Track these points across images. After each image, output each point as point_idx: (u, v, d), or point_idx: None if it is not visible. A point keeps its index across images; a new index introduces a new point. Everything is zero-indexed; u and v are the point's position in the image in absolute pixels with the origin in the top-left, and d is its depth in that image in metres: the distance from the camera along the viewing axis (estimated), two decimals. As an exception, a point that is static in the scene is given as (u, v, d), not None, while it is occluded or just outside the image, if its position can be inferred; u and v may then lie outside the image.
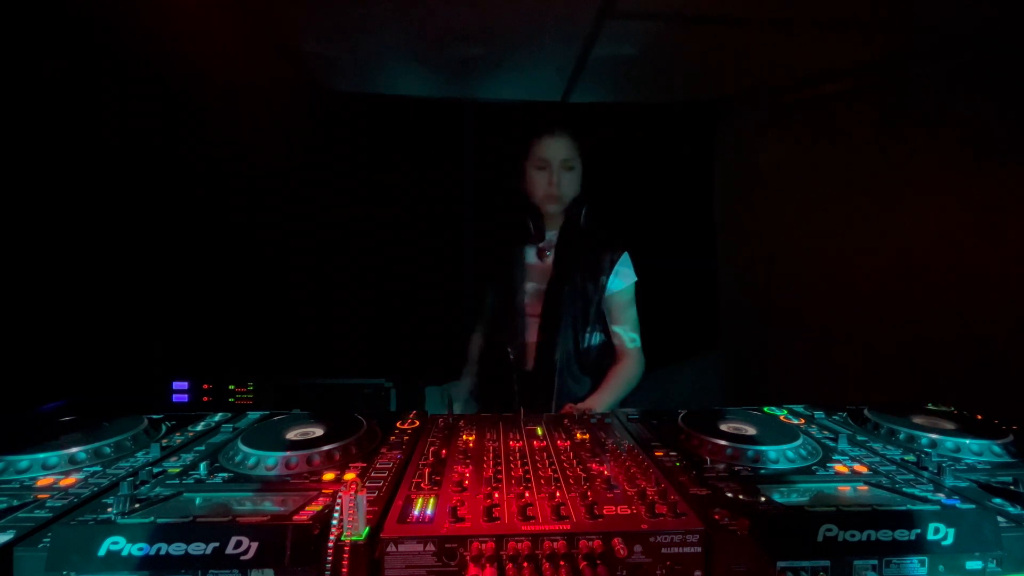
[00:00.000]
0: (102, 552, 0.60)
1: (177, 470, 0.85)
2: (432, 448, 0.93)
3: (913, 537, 0.64)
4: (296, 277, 2.23)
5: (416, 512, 0.70)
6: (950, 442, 0.95)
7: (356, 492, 0.64)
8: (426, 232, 2.23)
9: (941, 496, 0.76)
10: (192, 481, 0.81)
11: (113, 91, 1.66)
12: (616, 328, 1.46)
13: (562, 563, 0.63)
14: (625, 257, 1.48)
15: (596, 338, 1.49)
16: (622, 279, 1.47)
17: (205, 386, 1.92)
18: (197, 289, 2.07)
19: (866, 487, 0.80)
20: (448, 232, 2.16)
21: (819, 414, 1.18)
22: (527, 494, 0.75)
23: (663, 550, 0.65)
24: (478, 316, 1.69)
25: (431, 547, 0.64)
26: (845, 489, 0.80)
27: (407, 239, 2.25)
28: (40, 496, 0.76)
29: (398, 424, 1.09)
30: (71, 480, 0.82)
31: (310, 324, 2.22)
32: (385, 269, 2.26)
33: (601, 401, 1.34)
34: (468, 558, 0.64)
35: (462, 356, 1.74)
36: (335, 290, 2.25)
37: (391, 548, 0.63)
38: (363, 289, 2.25)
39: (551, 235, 1.47)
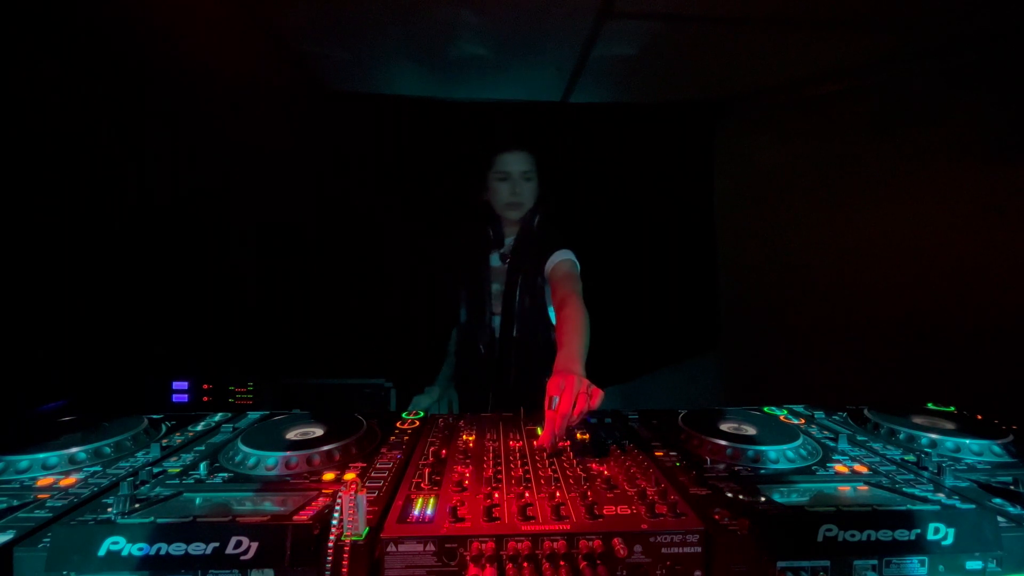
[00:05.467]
0: (102, 552, 0.60)
1: (177, 470, 0.85)
2: (432, 448, 0.93)
3: (913, 537, 0.64)
4: (296, 277, 2.23)
5: (416, 512, 0.70)
6: (950, 442, 0.95)
7: (356, 492, 0.64)
8: (415, 236, 2.26)
9: (941, 496, 0.75)
10: (192, 481, 0.81)
11: (111, 91, 1.66)
12: (557, 296, 1.40)
13: (562, 563, 0.63)
14: (564, 249, 1.52)
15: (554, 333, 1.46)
16: (556, 258, 1.50)
17: (205, 386, 1.91)
18: (197, 289, 2.07)
19: (866, 487, 0.80)
20: (433, 238, 2.19)
21: (819, 414, 1.18)
22: (527, 494, 0.75)
23: (663, 550, 0.65)
24: (455, 318, 1.79)
25: (431, 547, 0.64)
26: (845, 489, 0.80)
27: (400, 241, 2.26)
28: (40, 496, 0.76)
29: (398, 424, 1.09)
30: (71, 480, 0.82)
31: (310, 324, 2.23)
32: (382, 270, 2.26)
33: (573, 354, 1.15)
34: (468, 558, 0.64)
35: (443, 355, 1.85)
36: (334, 290, 2.25)
37: (391, 548, 0.63)
38: (362, 289, 2.25)
39: (510, 241, 1.61)
